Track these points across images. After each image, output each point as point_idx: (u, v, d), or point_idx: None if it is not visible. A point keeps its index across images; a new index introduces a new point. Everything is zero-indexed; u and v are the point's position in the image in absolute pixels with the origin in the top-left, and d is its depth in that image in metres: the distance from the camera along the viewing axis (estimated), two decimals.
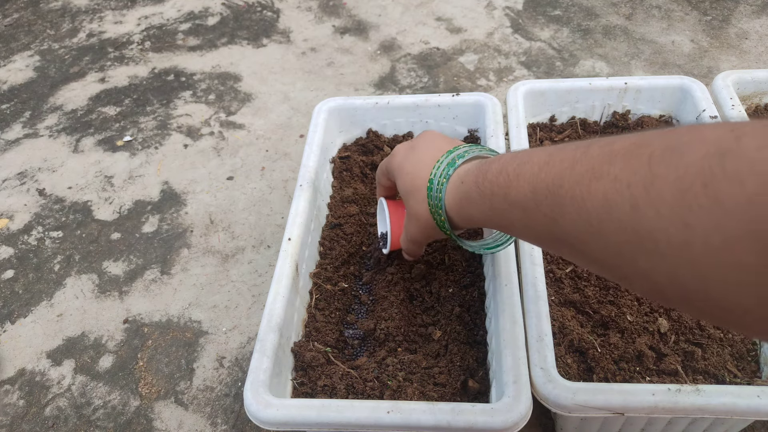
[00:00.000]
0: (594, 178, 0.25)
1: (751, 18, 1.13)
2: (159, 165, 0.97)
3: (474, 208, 0.38)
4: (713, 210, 0.20)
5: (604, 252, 0.26)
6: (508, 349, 0.45)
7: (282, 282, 0.52)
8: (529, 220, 0.31)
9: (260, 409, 0.43)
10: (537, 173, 0.30)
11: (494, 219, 0.36)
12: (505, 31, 1.18)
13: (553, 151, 0.30)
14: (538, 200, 0.30)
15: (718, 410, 0.42)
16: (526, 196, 0.31)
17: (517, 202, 0.32)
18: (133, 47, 1.26)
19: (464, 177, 0.40)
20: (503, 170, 0.34)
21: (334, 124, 0.72)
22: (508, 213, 0.34)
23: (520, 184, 0.31)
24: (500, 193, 0.34)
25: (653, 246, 0.23)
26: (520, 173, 0.32)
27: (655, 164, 0.23)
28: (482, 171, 0.37)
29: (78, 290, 0.80)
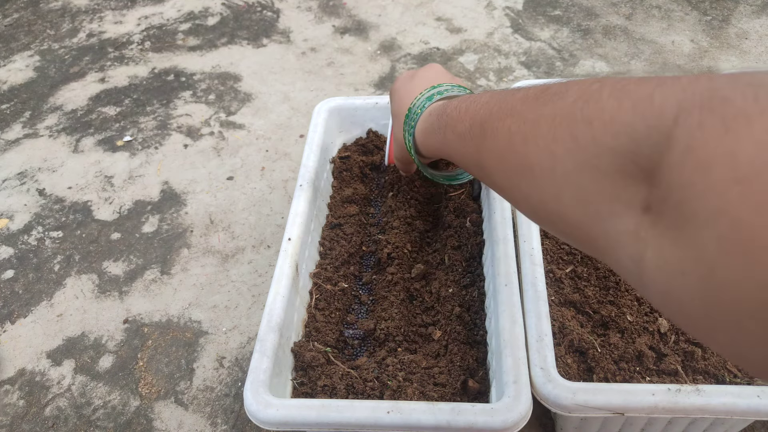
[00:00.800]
0: (509, 115, 0.30)
1: (751, 18, 1.13)
2: (159, 165, 0.97)
3: (433, 138, 0.43)
4: (569, 143, 0.25)
5: (503, 178, 0.31)
6: (508, 349, 0.45)
7: (282, 282, 0.52)
8: (463, 148, 0.37)
9: (260, 409, 0.43)
10: (477, 110, 0.35)
11: (444, 148, 0.42)
12: (505, 31, 1.18)
13: (495, 93, 0.34)
14: (471, 132, 0.35)
15: (718, 410, 0.42)
16: (465, 128, 0.36)
17: (459, 134, 0.37)
18: (133, 47, 1.26)
19: (433, 110, 0.45)
20: (458, 107, 0.38)
21: (334, 124, 0.72)
22: (452, 143, 0.39)
23: (464, 119, 0.36)
24: (451, 125, 0.39)
25: (531, 172, 0.28)
26: (467, 109, 0.36)
27: (544, 105, 0.27)
28: (445, 106, 0.42)
29: (78, 290, 0.80)
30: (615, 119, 0.22)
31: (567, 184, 0.25)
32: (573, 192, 0.25)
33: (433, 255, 0.62)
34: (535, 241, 0.53)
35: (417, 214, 0.65)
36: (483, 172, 0.34)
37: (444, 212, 0.64)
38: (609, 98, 0.23)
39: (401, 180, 0.69)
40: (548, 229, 0.30)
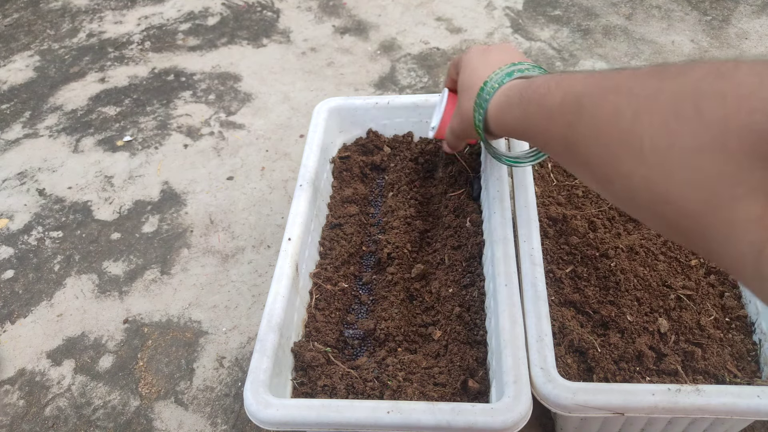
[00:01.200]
0: (614, 91, 0.29)
1: (751, 18, 1.13)
2: (159, 165, 0.97)
3: (510, 114, 0.42)
4: (693, 120, 0.23)
5: (599, 154, 0.30)
6: (508, 349, 0.45)
7: (282, 282, 0.52)
8: (550, 125, 0.35)
9: (260, 409, 0.43)
10: (572, 84, 0.33)
11: (523, 125, 0.40)
12: (505, 31, 1.18)
13: (593, 72, 0.33)
14: (564, 107, 0.33)
15: (718, 410, 0.42)
16: (555, 102, 0.34)
17: (546, 109, 0.35)
18: (133, 47, 1.26)
19: (513, 86, 0.43)
20: (546, 82, 0.37)
21: (334, 124, 0.72)
22: (535, 118, 0.37)
23: (555, 94, 0.35)
24: (536, 100, 0.37)
25: (639, 149, 0.26)
26: (559, 84, 0.35)
27: (662, 81, 0.26)
28: (529, 82, 0.40)
29: (78, 290, 0.80)
30: (754, 94, 0.21)
31: (683, 164, 0.23)
32: (689, 173, 0.23)
33: (433, 255, 0.62)
34: (535, 241, 0.53)
35: (417, 214, 0.65)
36: (570, 149, 0.33)
37: (444, 212, 0.64)
38: (748, 75, 0.22)
39: (401, 180, 0.69)
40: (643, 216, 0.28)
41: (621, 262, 0.55)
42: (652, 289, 0.54)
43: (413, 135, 0.73)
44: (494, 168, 0.60)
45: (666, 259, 0.57)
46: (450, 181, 0.66)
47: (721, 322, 0.52)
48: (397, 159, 0.72)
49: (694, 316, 0.52)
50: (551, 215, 0.60)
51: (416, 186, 0.69)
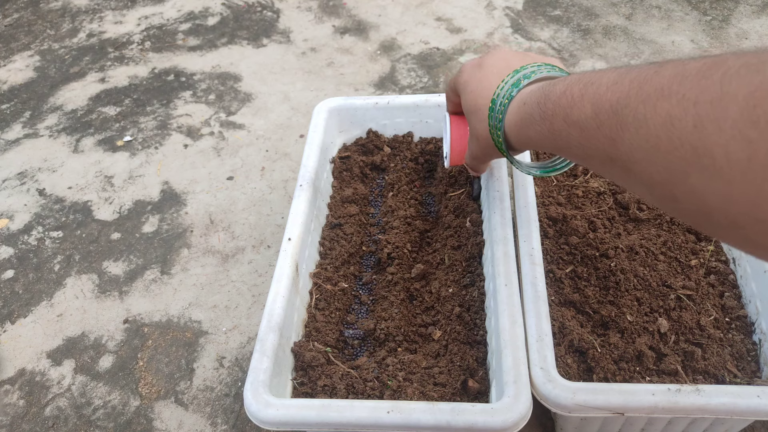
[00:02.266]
0: (661, 97, 0.25)
1: (751, 18, 1.13)
2: (159, 165, 0.97)
3: (533, 129, 0.38)
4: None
5: (657, 171, 0.26)
6: (508, 349, 0.45)
7: (282, 282, 0.52)
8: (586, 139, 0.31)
9: (260, 409, 0.43)
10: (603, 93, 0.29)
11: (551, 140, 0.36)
12: (505, 31, 1.18)
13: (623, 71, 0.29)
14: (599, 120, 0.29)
15: (718, 410, 0.42)
16: (587, 115, 0.31)
17: (577, 122, 0.32)
18: (133, 47, 1.26)
19: (527, 98, 0.39)
20: (567, 91, 0.33)
21: (334, 124, 0.72)
22: (566, 133, 0.33)
23: (583, 104, 0.31)
24: (561, 113, 0.33)
25: (710, 162, 0.22)
26: (584, 93, 0.31)
27: (727, 82, 0.22)
28: (545, 92, 0.36)
29: (78, 290, 0.80)
30: None
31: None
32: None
33: (433, 255, 0.62)
34: (535, 241, 0.53)
35: (417, 214, 0.65)
36: (618, 166, 0.29)
37: (444, 212, 0.64)
38: None
39: (401, 180, 0.69)
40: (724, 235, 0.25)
41: (621, 262, 0.55)
42: (652, 289, 0.54)
43: (413, 135, 0.73)
44: (494, 168, 0.60)
45: (666, 259, 0.57)
46: (450, 181, 0.66)
47: (721, 322, 0.52)
48: (397, 159, 0.72)
49: (694, 316, 0.52)
50: (551, 215, 0.60)
51: (416, 186, 0.69)
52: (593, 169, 0.35)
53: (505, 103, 0.41)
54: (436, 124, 0.71)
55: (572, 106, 0.32)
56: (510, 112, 0.41)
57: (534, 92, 0.38)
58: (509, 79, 0.42)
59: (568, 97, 0.33)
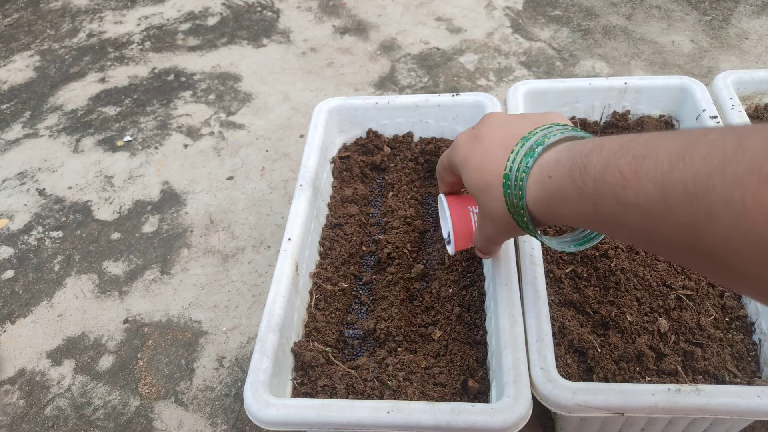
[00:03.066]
0: (765, 182, 0.21)
1: (751, 18, 1.13)
2: (159, 165, 0.97)
3: (568, 208, 0.33)
4: None
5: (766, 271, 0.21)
6: (508, 349, 0.45)
7: (282, 282, 0.52)
8: (653, 225, 0.26)
9: (260, 409, 0.43)
10: (668, 171, 0.25)
11: (598, 221, 0.31)
12: (505, 31, 1.18)
13: (685, 143, 0.25)
14: (670, 204, 0.24)
15: (718, 410, 0.42)
16: (650, 198, 0.26)
17: (637, 205, 0.27)
18: (133, 47, 1.26)
19: (552, 170, 0.34)
20: (611, 165, 0.28)
21: (334, 124, 0.72)
22: (621, 216, 0.28)
23: (642, 184, 0.26)
24: (610, 192, 0.28)
25: None
26: (638, 170, 0.26)
27: None
28: (579, 164, 0.31)
29: (78, 290, 0.80)
30: None
31: None
32: None
33: (433, 255, 0.62)
34: (535, 242, 0.53)
35: (417, 214, 0.65)
36: (700, 257, 0.24)
37: None
38: None
39: (401, 180, 0.69)
40: None
41: (621, 262, 0.55)
42: (652, 289, 0.54)
43: (413, 135, 0.73)
44: None
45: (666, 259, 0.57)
46: None
47: (721, 322, 0.52)
48: (397, 159, 0.72)
49: (694, 316, 0.52)
50: None
51: (416, 186, 0.69)
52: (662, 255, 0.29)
53: (522, 176, 0.36)
54: (436, 124, 0.71)
55: (625, 186, 0.27)
56: (531, 186, 0.36)
57: (560, 163, 0.33)
58: (519, 149, 0.37)
59: (614, 173, 0.28)
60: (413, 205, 0.66)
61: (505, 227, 0.40)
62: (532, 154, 0.36)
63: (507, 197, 0.38)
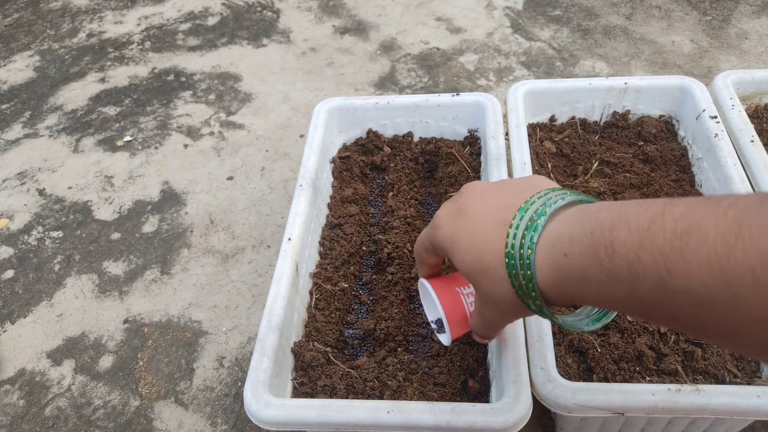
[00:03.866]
0: None
1: (751, 18, 1.13)
2: (159, 165, 0.97)
3: (592, 290, 0.28)
4: None
5: None
6: (508, 349, 0.45)
7: (282, 282, 0.52)
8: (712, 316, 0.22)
9: (260, 409, 0.43)
10: (725, 253, 0.21)
11: (635, 307, 0.26)
12: (505, 31, 1.18)
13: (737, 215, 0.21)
14: (733, 293, 0.21)
15: (718, 410, 0.42)
16: (706, 285, 0.22)
17: (687, 291, 0.23)
18: (133, 47, 1.26)
19: (567, 247, 0.29)
20: (647, 244, 0.24)
21: (334, 124, 0.72)
22: (666, 304, 0.24)
23: (691, 268, 0.22)
24: (650, 276, 0.24)
25: None
26: (684, 250, 0.22)
27: None
28: (602, 241, 0.27)
29: (78, 290, 0.80)
30: None
31: None
32: None
33: None
34: None
35: (417, 214, 0.65)
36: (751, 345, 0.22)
37: None
38: None
39: (401, 180, 0.69)
40: None
41: None
42: None
43: (413, 135, 0.73)
44: (494, 168, 0.60)
45: None
46: (450, 181, 0.66)
47: None
48: (397, 159, 0.72)
49: None
50: None
51: (416, 186, 0.69)
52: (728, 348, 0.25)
53: (529, 254, 0.31)
54: (436, 124, 0.71)
55: (669, 268, 0.23)
56: (540, 265, 0.31)
57: (576, 239, 0.29)
58: (519, 222, 0.33)
59: (652, 253, 0.24)
60: (413, 205, 0.66)
61: (511, 311, 0.35)
62: (535, 227, 0.32)
63: (513, 279, 0.33)
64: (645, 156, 0.67)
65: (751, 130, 0.61)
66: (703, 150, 0.63)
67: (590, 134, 0.71)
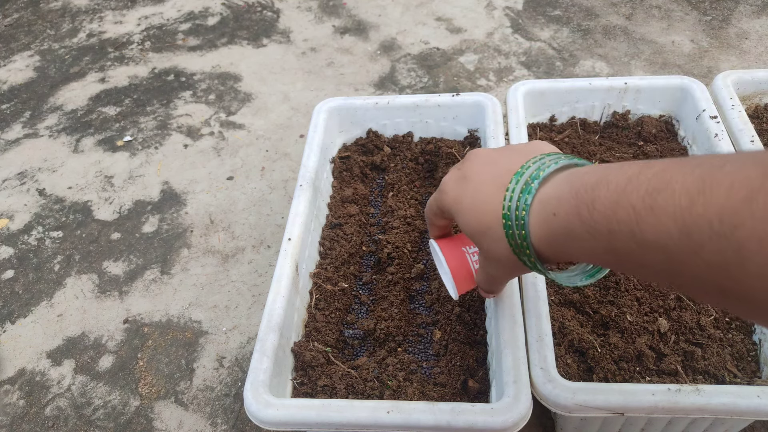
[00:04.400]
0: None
1: (751, 18, 1.13)
2: (159, 165, 0.97)
3: (578, 246, 0.31)
4: None
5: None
6: (508, 349, 0.45)
7: (282, 282, 0.52)
8: (677, 265, 0.24)
9: (260, 409, 0.43)
10: (687, 207, 0.23)
11: (614, 261, 0.29)
12: (505, 31, 1.18)
13: (702, 174, 0.23)
14: (695, 242, 0.23)
15: (718, 410, 0.42)
16: (671, 236, 0.24)
17: (656, 244, 0.25)
18: (133, 47, 1.26)
19: (555, 207, 0.32)
20: (622, 201, 0.26)
21: (334, 124, 0.72)
22: (638, 255, 0.26)
23: (660, 221, 0.24)
24: (624, 230, 0.26)
25: None
26: (654, 206, 0.24)
27: None
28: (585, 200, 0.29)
29: (78, 290, 0.80)
30: None
31: None
32: None
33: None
34: None
35: (417, 214, 0.65)
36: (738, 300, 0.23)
37: None
38: None
39: (401, 180, 0.69)
40: None
41: None
42: (652, 289, 0.54)
43: (413, 135, 0.73)
44: None
45: None
46: None
47: (721, 322, 0.52)
48: (397, 159, 0.72)
49: (694, 316, 0.52)
50: None
51: (416, 186, 0.69)
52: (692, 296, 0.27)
53: (523, 215, 0.34)
54: (436, 124, 0.71)
55: (639, 222, 0.25)
56: (534, 224, 0.34)
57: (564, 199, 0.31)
58: (515, 186, 0.35)
59: (626, 209, 0.26)
60: (413, 205, 0.66)
61: (511, 267, 0.38)
62: (530, 190, 0.34)
63: (510, 238, 0.35)
64: (645, 156, 0.67)
65: (751, 130, 0.61)
66: (703, 150, 0.63)
67: (590, 134, 0.71)
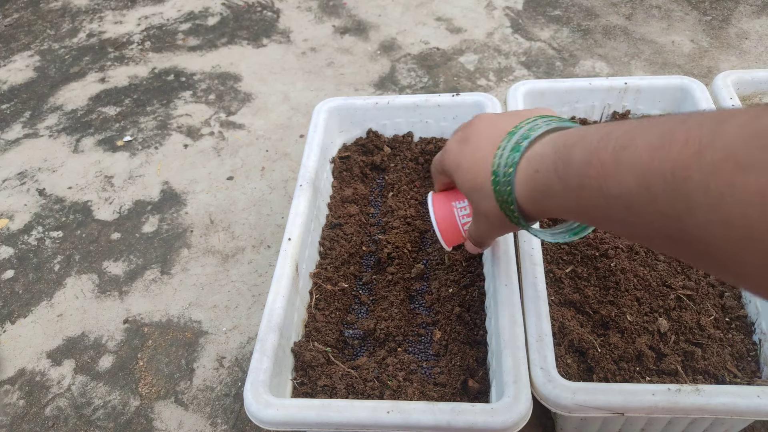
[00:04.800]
0: (740, 168, 0.20)
1: (751, 18, 1.13)
2: (159, 165, 0.97)
3: (554, 201, 0.33)
4: None
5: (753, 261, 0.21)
6: (508, 349, 0.45)
7: (282, 282, 0.52)
8: (635, 217, 0.26)
9: (260, 409, 0.43)
10: (647, 162, 0.24)
11: (584, 214, 0.31)
12: (505, 31, 1.18)
13: (663, 131, 0.24)
14: (651, 195, 0.24)
15: (718, 410, 0.42)
16: (631, 189, 0.25)
17: (619, 197, 0.26)
18: (133, 47, 1.26)
19: (538, 164, 0.33)
20: (593, 158, 0.28)
21: (334, 124, 0.72)
22: (605, 208, 0.28)
23: (622, 175, 0.26)
24: (593, 185, 0.28)
25: None
26: (619, 161, 0.26)
27: None
28: (562, 157, 0.31)
29: (78, 290, 0.80)
30: None
31: None
32: None
33: (432, 255, 0.62)
34: (535, 241, 0.53)
35: (417, 214, 0.65)
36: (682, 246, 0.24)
37: None
38: None
39: (401, 180, 0.69)
40: None
41: (621, 261, 0.55)
42: (652, 289, 0.54)
43: (413, 135, 0.73)
44: None
45: (666, 258, 0.57)
46: None
47: (721, 322, 0.52)
48: (397, 159, 0.72)
49: (694, 316, 0.52)
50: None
51: (416, 186, 0.69)
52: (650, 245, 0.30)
53: (510, 172, 0.35)
54: (436, 124, 0.71)
55: (606, 176, 0.27)
56: (519, 181, 0.35)
57: (545, 157, 0.33)
58: (506, 144, 0.37)
59: (595, 166, 0.28)
60: (413, 205, 0.66)
61: (499, 224, 0.40)
62: (518, 149, 0.35)
63: (497, 194, 0.37)
64: None
65: None
66: None
67: None
